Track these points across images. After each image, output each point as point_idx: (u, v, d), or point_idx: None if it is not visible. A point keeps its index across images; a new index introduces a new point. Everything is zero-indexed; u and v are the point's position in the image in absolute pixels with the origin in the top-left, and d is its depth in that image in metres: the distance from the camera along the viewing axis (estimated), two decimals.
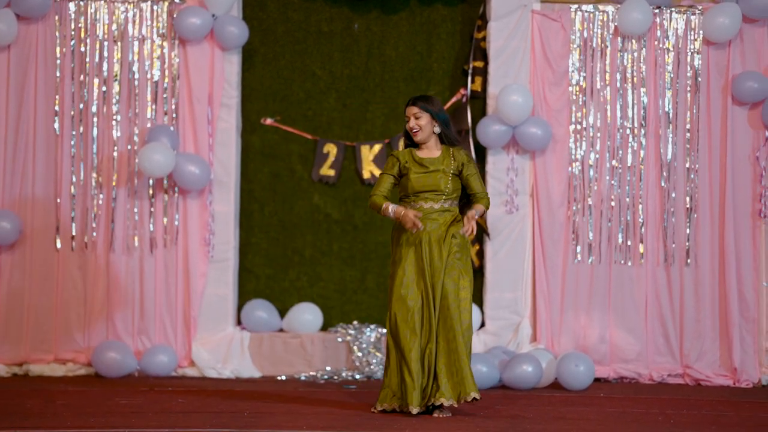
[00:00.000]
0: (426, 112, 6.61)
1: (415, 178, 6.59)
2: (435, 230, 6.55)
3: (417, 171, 6.60)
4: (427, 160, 6.62)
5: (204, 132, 8.57)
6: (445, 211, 6.61)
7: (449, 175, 6.59)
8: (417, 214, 6.51)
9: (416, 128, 6.61)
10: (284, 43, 8.91)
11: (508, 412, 6.66)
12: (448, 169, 6.59)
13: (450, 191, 6.61)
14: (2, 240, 8.35)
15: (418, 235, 6.53)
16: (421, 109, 6.61)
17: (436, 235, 6.54)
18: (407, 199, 6.64)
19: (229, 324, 8.63)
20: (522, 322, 8.56)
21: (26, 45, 8.49)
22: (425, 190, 6.59)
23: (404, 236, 6.59)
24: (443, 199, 6.62)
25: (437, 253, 6.51)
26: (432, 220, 6.57)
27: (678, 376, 8.44)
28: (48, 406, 6.66)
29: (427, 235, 6.53)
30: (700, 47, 8.50)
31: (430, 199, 6.61)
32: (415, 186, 6.60)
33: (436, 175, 6.58)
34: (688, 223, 8.50)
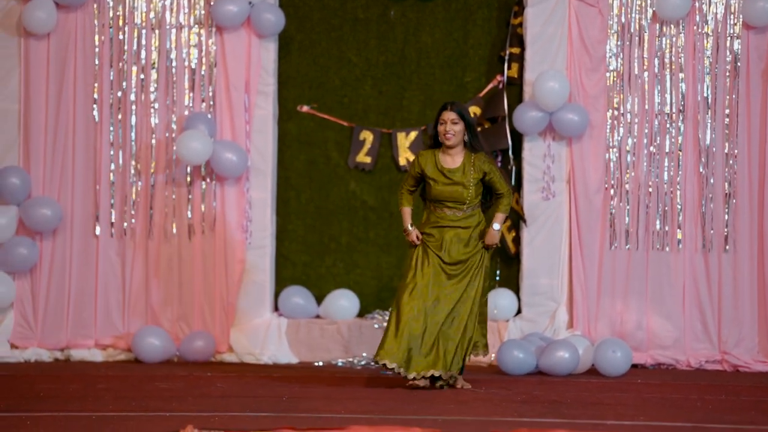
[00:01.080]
0: (462, 121, 6.84)
1: (437, 188, 6.88)
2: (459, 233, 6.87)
3: (439, 181, 6.86)
4: (448, 171, 6.86)
5: (241, 119, 8.61)
6: (468, 217, 6.92)
7: (470, 187, 6.86)
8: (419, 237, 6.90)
9: (451, 134, 6.81)
10: (320, 30, 8.93)
11: (546, 397, 6.66)
12: (469, 181, 6.85)
13: (472, 198, 6.89)
14: (43, 227, 8.44)
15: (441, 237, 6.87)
16: (459, 116, 6.83)
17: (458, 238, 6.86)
18: (432, 203, 6.95)
19: (267, 310, 8.68)
20: (558, 309, 8.55)
21: (65, 33, 8.57)
22: (447, 199, 6.88)
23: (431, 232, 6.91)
24: (466, 207, 6.90)
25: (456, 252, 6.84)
26: (456, 227, 6.87)
27: (716, 362, 8.40)
28: (89, 390, 6.73)
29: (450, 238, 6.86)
30: (740, 32, 8.44)
31: (453, 208, 6.90)
32: (438, 195, 6.90)
33: (458, 188, 6.85)
34: (726, 209, 8.45)
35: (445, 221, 6.90)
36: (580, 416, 5.83)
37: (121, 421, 5.41)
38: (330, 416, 5.66)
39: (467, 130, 6.86)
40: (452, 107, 6.84)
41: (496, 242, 6.93)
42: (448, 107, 6.86)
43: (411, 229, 6.95)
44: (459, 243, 6.88)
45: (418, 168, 6.93)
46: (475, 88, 8.86)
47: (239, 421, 5.43)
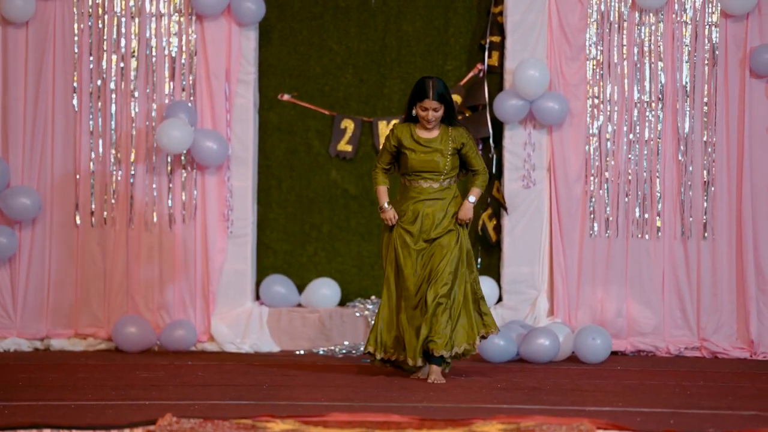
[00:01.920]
0: (444, 106, 6.76)
1: (414, 158, 6.78)
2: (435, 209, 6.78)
3: (416, 150, 6.77)
4: (425, 140, 6.78)
5: (222, 108, 8.59)
6: (444, 190, 6.83)
7: (447, 156, 6.78)
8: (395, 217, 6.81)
9: (433, 120, 6.76)
10: (301, 18, 8.92)
11: (525, 384, 6.70)
12: (446, 149, 6.78)
13: (448, 169, 6.80)
14: (22, 216, 8.41)
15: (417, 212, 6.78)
16: (440, 101, 6.73)
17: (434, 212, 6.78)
18: (407, 176, 6.84)
19: (248, 299, 8.68)
20: (539, 297, 8.58)
21: (44, 21, 8.53)
22: (424, 170, 6.79)
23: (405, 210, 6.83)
24: (442, 179, 6.81)
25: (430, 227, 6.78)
26: (432, 200, 6.79)
27: (695, 349, 8.45)
28: (69, 379, 6.73)
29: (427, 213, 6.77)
30: (718, 20, 8.47)
31: (429, 179, 6.81)
32: (414, 166, 6.79)
33: (435, 155, 6.76)
34: (705, 196, 8.49)
35: (421, 195, 6.80)
36: (559, 402, 5.87)
37: (100, 410, 5.41)
38: (310, 404, 5.67)
39: (446, 109, 6.78)
40: (434, 93, 6.72)
41: (470, 216, 6.82)
42: (429, 94, 6.73)
43: (387, 208, 6.86)
44: (434, 218, 6.78)
45: (395, 141, 6.83)
46: (456, 76, 8.87)
47: (219, 410, 5.44)
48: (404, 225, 6.83)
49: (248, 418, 4.96)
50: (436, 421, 4.96)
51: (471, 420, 4.94)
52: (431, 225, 6.79)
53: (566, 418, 5.01)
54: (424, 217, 6.80)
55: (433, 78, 6.77)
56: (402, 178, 6.92)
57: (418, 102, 6.78)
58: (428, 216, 6.80)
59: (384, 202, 6.88)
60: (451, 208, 6.84)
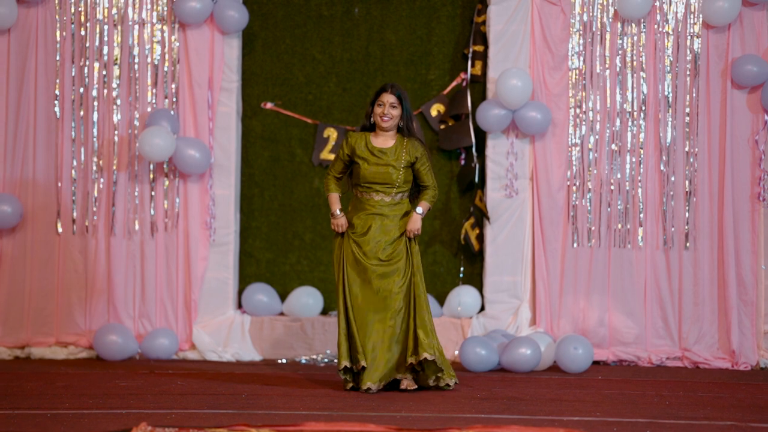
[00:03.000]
0: (401, 106, 6.71)
1: (367, 169, 6.70)
2: (386, 223, 6.71)
3: (369, 161, 6.70)
4: (378, 150, 6.72)
5: (204, 116, 8.59)
6: (396, 205, 6.76)
7: (400, 169, 6.71)
8: (346, 224, 6.75)
9: (388, 117, 6.68)
10: (284, 27, 8.92)
11: (505, 393, 6.69)
12: (399, 163, 6.71)
13: (401, 183, 6.74)
14: (3, 224, 8.38)
15: (367, 226, 6.70)
16: (398, 100, 6.70)
17: (384, 226, 6.70)
18: (360, 187, 6.78)
19: (230, 308, 8.67)
20: (521, 306, 8.58)
21: (26, 29, 8.52)
22: (376, 182, 6.71)
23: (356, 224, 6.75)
24: (394, 192, 6.75)
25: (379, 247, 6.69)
26: (383, 215, 6.72)
27: (677, 359, 8.46)
28: (48, 387, 6.70)
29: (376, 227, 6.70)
30: (700, 31, 8.49)
31: (381, 192, 6.74)
32: (367, 176, 6.72)
33: (387, 168, 6.70)
34: (687, 206, 8.51)
35: (372, 209, 6.72)
36: (537, 412, 5.86)
37: (76, 419, 5.39)
38: (287, 413, 5.66)
39: (404, 117, 6.73)
40: (392, 89, 6.69)
41: (417, 227, 6.74)
42: (388, 89, 6.69)
43: (339, 214, 6.76)
44: (384, 234, 6.70)
45: (348, 150, 6.76)
46: (439, 85, 8.88)
47: (195, 419, 5.42)
48: (355, 237, 6.74)
49: (223, 427, 4.94)
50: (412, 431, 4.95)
51: (447, 429, 4.93)
52: (383, 241, 6.70)
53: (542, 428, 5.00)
54: (375, 231, 6.72)
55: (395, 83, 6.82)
56: (354, 189, 6.87)
57: (376, 100, 6.73)
58: (380, 229, 6.72)
59: (336, 208, 6.81)
60: (403, 224, 6.77)
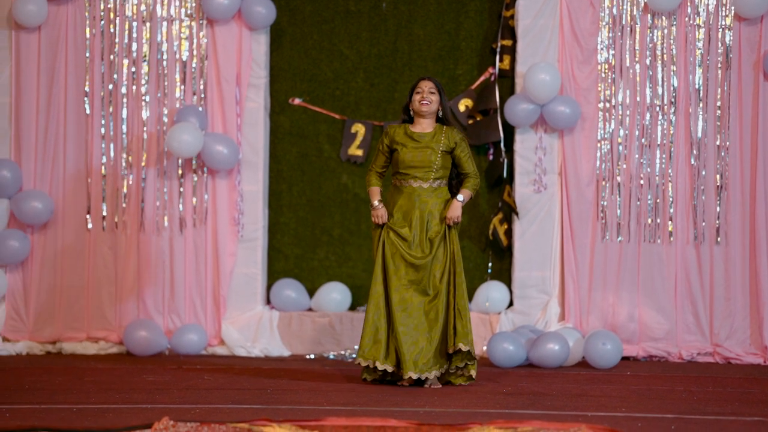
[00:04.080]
0: (438, 94, 6.80)
1: (405, 152, 6.75)
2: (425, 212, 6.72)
3: (407, 145, 6.76)
4: (418, 134, 6.78)
5: (232, 112, 8.61)
6: (434, 191, 6.78)
7: (438, 151, 6.74)
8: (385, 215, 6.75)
9: (428, 101, 6.76)
10: (312, 22, 8.92)
11: (531, 389, 6.65)
12: (438, 146, 6.74)
13: (439, 166, 6.75)
14: (34, 220, 8.45)
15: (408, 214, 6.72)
16: (436, 87, 6.80)
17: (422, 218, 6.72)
18: (399, 175, 6.81)
19: (258, 303, 8.69)
20: (550, 301, 8.53)
21: (56, 26, 8.57)
22: (415, 166, 6.74)
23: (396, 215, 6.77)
24: (432, 178, 6.76)
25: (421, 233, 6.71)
26: (423, 202, 6.74)
27: (708, 354, 8.38)
28: (76, 382, 6.74)
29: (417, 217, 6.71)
30: (732, 23, 8.40)
31: (419, 178, 6.76)
32: (405, 160, 6.75)
33: (426, 151, 6.73)
34: (718, 201, 8.42)
35: (411, 197, 6.73)
36: (562, 407, 5.82)
37: (100, 414, 5.41)
38: (310, 408, 5.66)
39: (442, 106, 6.82)
40: (430, 78, 6.82)
41: (457, 215, 6.72)
42: (425, 78, 6.84)
43: (378, 206, 6.79)
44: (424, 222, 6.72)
45: (387, 140, 6.84)
46: (467, 80, 8.85)
47: (218, 413, 5.43)
48: (395, 227, 6.76)
49: (245, 422, 4.94)
50: (433, 426, 4.94)
51: (468, 425, 4.91)
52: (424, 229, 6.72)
53: (564, 423, 4.97)
54: (416, 220, 6.73)
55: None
56: (393, 179, 6.89)
57: (414, 90, 6.82)
58: (420, 218, 6.73)
59: (375, 200, 6.84)
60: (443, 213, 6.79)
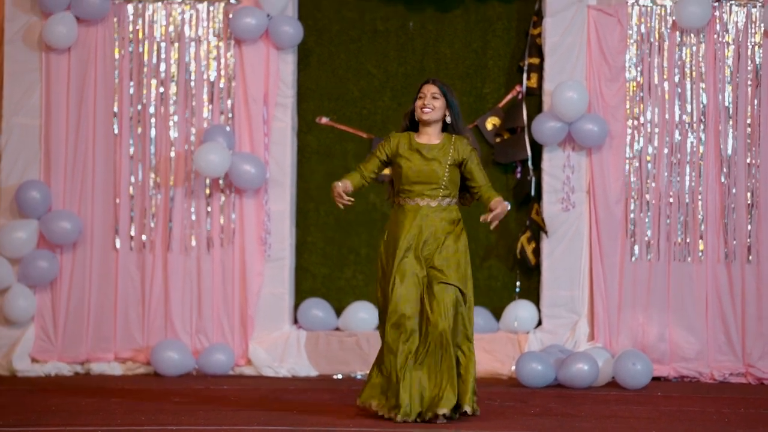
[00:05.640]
0: (444, 97, 6.09)
1: (408, 167, 6.02)
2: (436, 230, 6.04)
3: (412, 158, 6.04)
4: (424, 147, 6.08)
5: (260, 131, 8.62)
6: (443, 211, 6.08)
7: (446, 165, 6.04)
8: (347, 188, 6.02)
9: (429, 108, 6.04)
10: (339, 42, 8.92)
11: (560, 410, 6.59)
12: (445, 159, 6.05)
13: (447, 182, 6.05)
14: (63, 240, 8.48)
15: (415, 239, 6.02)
16: (441, 90, 6.09)
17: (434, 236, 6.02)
18: (402, 193, 6.09)
19: (286, 323, 8.67)
20: (579, 321, 8.46)
21: (86, 47, 8.62)
22: (420, 181, 6.02)
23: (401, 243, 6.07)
24: (441, 196, 6.06)
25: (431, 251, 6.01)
26: (430, 223, 6.04)
27: (740, 375, 8.28)
28: (102, 404, 6.74)
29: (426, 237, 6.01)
30: (761, 40, 8.32)
31: (426, 195, 6.04)
32: (409, 175, 6.03)
33: (432, 164, 6.03)
34: (749, 219, 8.33)
35: (417, 216, 6.00)
36: (591, 429, 5.76)
37: None
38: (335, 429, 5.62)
39: (450, 110, 6.10)
40: (434, 81, 6.10)
41: (505, 210, 5.95)
42: (429, 81, 6.11)
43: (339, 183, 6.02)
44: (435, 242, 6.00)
45: (389, 149, 6.09)
46: (495, 98, 8.82)
47: None
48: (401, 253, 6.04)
49: None
50: None
51: None
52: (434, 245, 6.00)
53: None
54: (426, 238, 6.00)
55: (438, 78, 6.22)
56: (396, 199, 6.16)
57: (418, 92, 6.13)
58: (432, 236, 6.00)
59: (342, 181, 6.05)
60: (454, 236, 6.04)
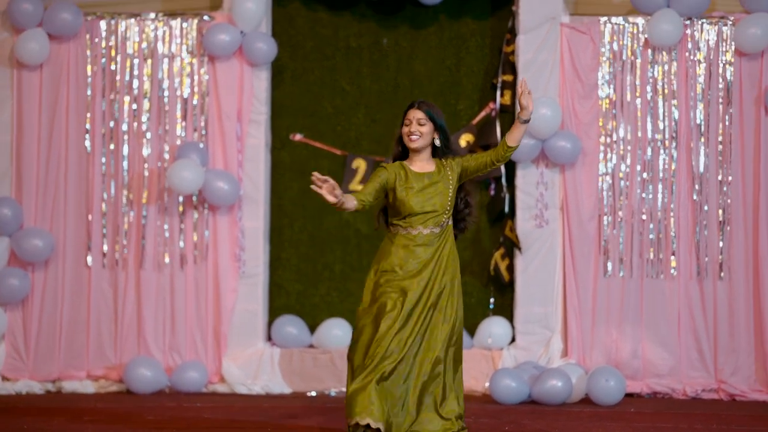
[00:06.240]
0: (431, 122, 5.92)
1: (414, 198, 5.83)
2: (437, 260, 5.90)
3: (415, 186, 5.86)
4: (421, 175, 5.91)
5: (233, 148, 8.60)
6: (443, 233, 5.94)
7: (450, 189, 5.93)
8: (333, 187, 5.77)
9: (417, 135, 5.87)
10: (313, 58, 8.93)
11: (534, 427, 6.60)
12: (448, 184, 5.93)
13: (450, 207, 5.94)
14: (35, 257, 8.42)
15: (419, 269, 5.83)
16: (427, 116, 5.90)
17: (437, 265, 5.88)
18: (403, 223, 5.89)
19: (260, 340, 8.64)
20: (553, 337, 8.48)
21: (58, 64, 8.58)
22: (426, 211, 5.86)
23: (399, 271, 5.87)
24: (443, 221, 5.93)
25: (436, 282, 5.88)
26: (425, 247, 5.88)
27: (713, 391, 8.31)
28: (74, 423, 6.70)
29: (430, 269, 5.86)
30: (732, 58, 8.40)
31: (430, 224, 5.89)
32: (414, 207, 5.84)
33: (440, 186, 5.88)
34: (721, 236, 8.39)
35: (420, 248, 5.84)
36: None
37: None
38: None
39: (438, 133, 5.92)
40: (420, 105, 5.89)
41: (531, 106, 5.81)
42: (415, 105, 5.90)
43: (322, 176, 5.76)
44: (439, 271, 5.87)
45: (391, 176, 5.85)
46: (468, 115, 8.85)
47: None
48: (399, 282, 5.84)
49: None
50: None
51: None
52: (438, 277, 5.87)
53: None
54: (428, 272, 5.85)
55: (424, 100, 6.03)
56: (393, 228, 5.96)
57: (403, 120, 5.96)
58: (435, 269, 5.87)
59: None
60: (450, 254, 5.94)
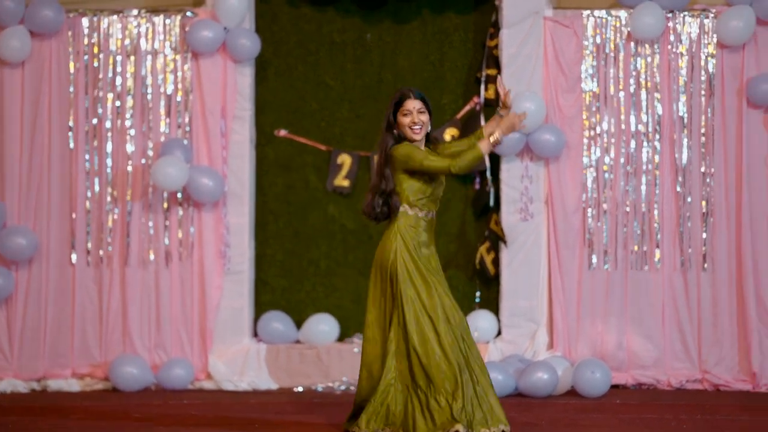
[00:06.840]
0: (428, 111, 6.05)
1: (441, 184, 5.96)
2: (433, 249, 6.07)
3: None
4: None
5: (217, 144, 8.59)
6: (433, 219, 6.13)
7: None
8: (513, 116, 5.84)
9: (419, 125, 5.97)
10: (297, 54, 8.92)
11: (521, 419, 6.63)
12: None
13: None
14: (18, 256, 8.39)
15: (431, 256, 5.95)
16: (425, 105, 6.03)
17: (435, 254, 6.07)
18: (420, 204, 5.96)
19: (246, 336, 8.64)
20: (538, 330, 8.51)
21: (40, 61, 8.55)
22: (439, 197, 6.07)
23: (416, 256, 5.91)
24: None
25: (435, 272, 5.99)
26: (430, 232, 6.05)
27: (697, 381, 8.36)
28: (60, 422, 6.69)
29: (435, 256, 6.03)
30: (714, 51, 8.43)
31: (434, 209, 6.08)
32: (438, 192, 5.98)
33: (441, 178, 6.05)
34: (704, 227, 8.43)
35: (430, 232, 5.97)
36: None
37: None
38: None
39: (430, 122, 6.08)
40: (415, 94, 5.94)
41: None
42: (410, 95, 5.94)
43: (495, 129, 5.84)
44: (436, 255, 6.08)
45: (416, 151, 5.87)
46: (452, 109, 8.86)
47: None
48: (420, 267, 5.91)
49: None
50: None
51: None
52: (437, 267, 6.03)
53: None
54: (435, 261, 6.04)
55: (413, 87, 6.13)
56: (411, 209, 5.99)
57: (398, 110, 5.99)
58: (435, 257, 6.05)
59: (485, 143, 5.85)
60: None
